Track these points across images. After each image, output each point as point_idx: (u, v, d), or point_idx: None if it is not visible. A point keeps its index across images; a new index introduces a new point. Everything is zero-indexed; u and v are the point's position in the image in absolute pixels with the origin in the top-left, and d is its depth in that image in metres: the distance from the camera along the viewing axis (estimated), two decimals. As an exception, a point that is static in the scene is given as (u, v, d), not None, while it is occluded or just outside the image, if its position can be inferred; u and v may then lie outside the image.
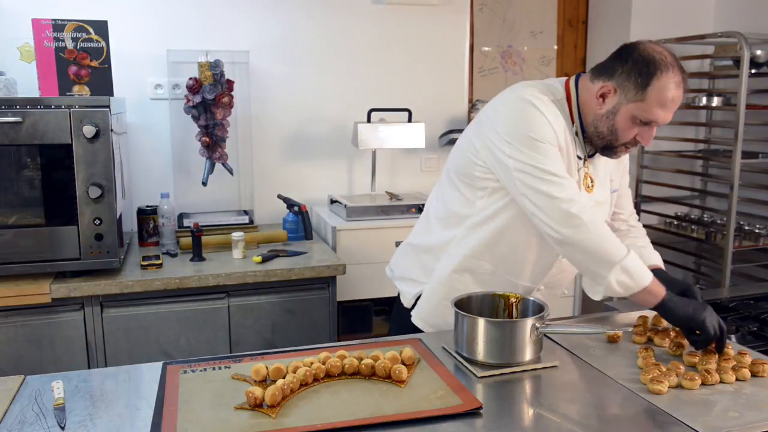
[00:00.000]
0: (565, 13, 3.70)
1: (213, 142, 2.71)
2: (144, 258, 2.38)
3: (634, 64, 1.46)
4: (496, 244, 1.61)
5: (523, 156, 1.48)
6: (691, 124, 3.51)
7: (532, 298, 1.50)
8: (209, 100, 2.64)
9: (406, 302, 1.80)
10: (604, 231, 1.47)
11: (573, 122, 1.57)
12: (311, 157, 3.10)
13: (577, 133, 1.57)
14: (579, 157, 1.59)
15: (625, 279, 1.44)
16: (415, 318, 1.75)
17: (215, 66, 2.65)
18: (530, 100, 1.51)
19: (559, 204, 1.45)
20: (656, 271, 1.56)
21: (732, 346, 1.47)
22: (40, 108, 2.06)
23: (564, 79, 1.62)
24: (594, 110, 1.53)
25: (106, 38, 2.40)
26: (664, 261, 3.53)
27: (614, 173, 1.71)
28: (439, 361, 1.41)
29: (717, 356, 1.41)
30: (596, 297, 1.50)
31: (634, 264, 1.45)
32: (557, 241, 1.49)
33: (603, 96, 1.51)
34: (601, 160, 1.64)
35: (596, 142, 1.57)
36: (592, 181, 1.62)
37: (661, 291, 1.46)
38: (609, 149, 1.57)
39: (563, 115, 1.55)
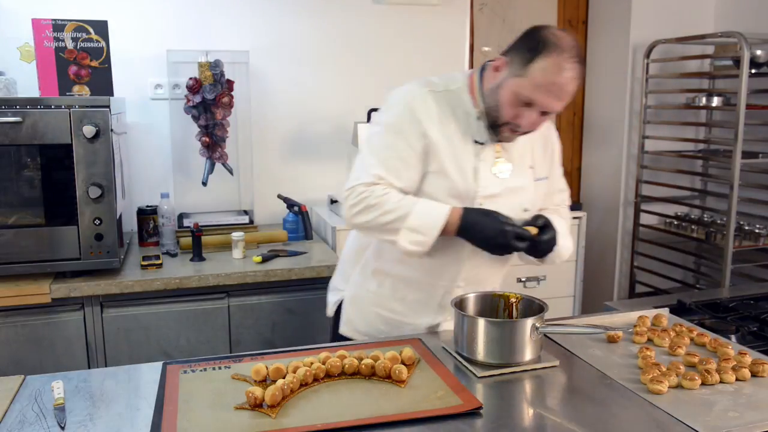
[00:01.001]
0: (565, 13, 3.70)
1: (213, 142, 2.72)
2: (144, 258, 2.38)
3: (528, 40, 1.44)
4: None
5: (365, 148, 1.57)
6: (691, 124, 3.51)
7: (530, 298, 1.50)
8: (209, 100, 2.64)
9: (329, 311, 1.82)
10: (386, 206, 1.48)
11: (477, 107, 1.55)
12: (311, 157, 3.10)
13: (479, 118, 1.55)
14: (478, 142, 1.56)
15: (415, 237, 1.48)
16: (344, 327, 1.75)
17: (215, 66, 2.66)
18: (402, 94, 1.56)
19: (347, 195, 1.53)
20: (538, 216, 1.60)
21: (732, 346, 1.47)
22: (40, 108, 2.06)
23: (473, 70, 1.62)
24: (489, 82, 1.52)
25: (106, 38, 2.40)
26: (665, 261, 3.54)
27: (538, 162, 1.66)
28: (439, 361, 1.41)
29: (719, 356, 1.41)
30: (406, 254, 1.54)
31: (419, 219, 1.47)
32: (351, 228, 1.61)
33: (497, 69, 1.49)
34: (516, 147, 1.60)
35: (489, 115, 1.54)
36: (503, 167, 1.59)
37: (453, 228, 1.48)
38: (494, 127, 1.54)
39: (452, 103, 1.55)
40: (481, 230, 1.47)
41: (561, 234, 1.60)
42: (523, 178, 1.62)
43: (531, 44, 1.42)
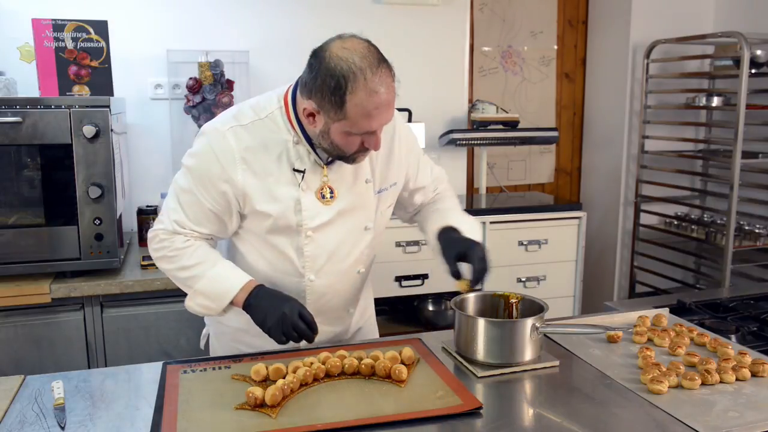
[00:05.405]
0: (565, 13, 3.70)
1: (213, 142, 2.71)
2: (144, 258, 2.37)
3: (323, 81, 1.30)
4: None
5: (171, 189, 1.54)
6: (691, 124, 3.51)
7: (530, 298, 1.50)
8: (209, 100, 2.64)
9: (201, 344, 1.78)
10: (182, 261, 1.46)
11: (295, 132, 1.45)
12: (311, 157, 3.09)
13: (297, 143, 1.45)
14: (298, 170, 1.45)
15: (204, 302, 1.46)
16: None
17: (215, 66, 2.66)
18: (204, 136, 1.48)
19: (151, 239, 1.51)
20: (446, 230, 1.55)
21: (732, 346, 1.47)
22: (40, 108, 2.06)
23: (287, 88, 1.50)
24: (309, 127, 1.41)
25: (106, 38, 2.40)
26: (665, 261, 3.54)
27: (380, 171, 1.56)
28: (439, 361, 1.41)
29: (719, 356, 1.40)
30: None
31: (210, 286, 1.45)
32: None
33: (311, 116, 1.38)
34: (347, 165, 1.49)
35: (330, 154, 1.44)
36: (332, 192, 1.49)
37: (240, 304, 1.44)
38: (345, 159, 1.44)
39: (262, 133, 1.45)
40: (262, 315, 1.41)
41: (460, 216, 1.61)
42: (357, 196, 1.52)
43: (330, 85, 1.29)
